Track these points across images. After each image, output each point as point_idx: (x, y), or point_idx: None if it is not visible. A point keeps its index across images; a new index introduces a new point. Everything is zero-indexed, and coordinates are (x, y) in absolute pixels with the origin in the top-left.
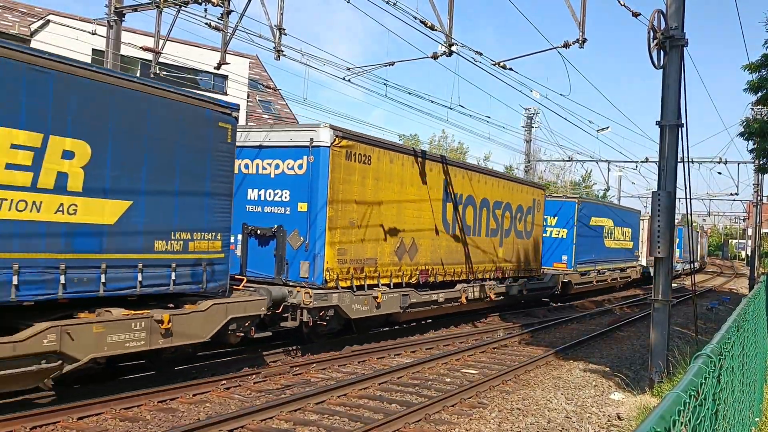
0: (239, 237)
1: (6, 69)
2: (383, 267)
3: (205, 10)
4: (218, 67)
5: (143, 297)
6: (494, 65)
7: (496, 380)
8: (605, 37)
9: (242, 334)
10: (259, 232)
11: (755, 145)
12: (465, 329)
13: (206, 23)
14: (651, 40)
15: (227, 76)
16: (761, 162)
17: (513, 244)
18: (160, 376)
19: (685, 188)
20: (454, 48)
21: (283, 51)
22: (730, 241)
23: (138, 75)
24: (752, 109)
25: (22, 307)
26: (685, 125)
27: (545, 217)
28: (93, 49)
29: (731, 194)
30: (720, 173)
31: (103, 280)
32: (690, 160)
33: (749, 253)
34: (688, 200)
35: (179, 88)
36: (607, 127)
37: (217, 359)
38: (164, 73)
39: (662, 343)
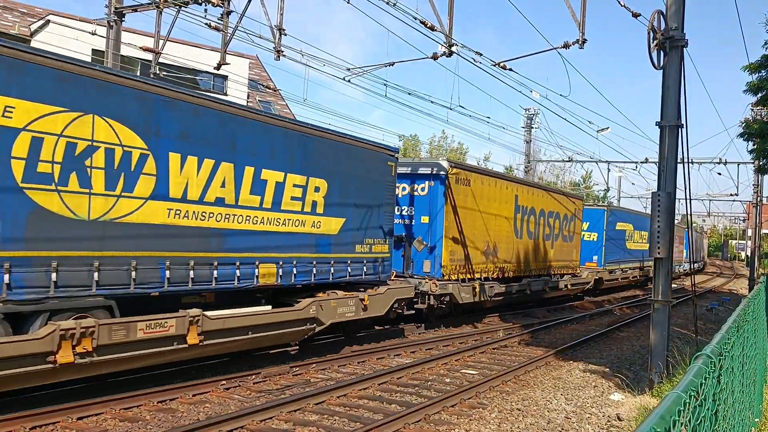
0: None
1: (289, 136)
2: (477, 265)
3: (205, 10)
4: (218, 68)
5: (341, 283)
6: (494, 66)
7: (495, 381)
8: (605, 38)
9: (399, 311)
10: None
11: (755, 146)
12: (465, 330)
13: (206, 23)
14: (651, 40)
15: (227, 76)
16: (761, 163)
17: (560, 246)
18: (159, 376)
19: (685, 189)
20: (454, 48)
21: (283, 51)
22: (729, 241)
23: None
24: (752, 109)
25: (287, 289)
26: (684, 126)
27: None
28: (93, 50)
29: (731, 195)
30: (720, 174)
31: (332, 271)
32: (690, 160)
33: (749, 254)
34: (688, 201)
35: (371, 140)
36: (607, 128)
37: (217, 359)
38: (164, 73)
39: (662, 344)
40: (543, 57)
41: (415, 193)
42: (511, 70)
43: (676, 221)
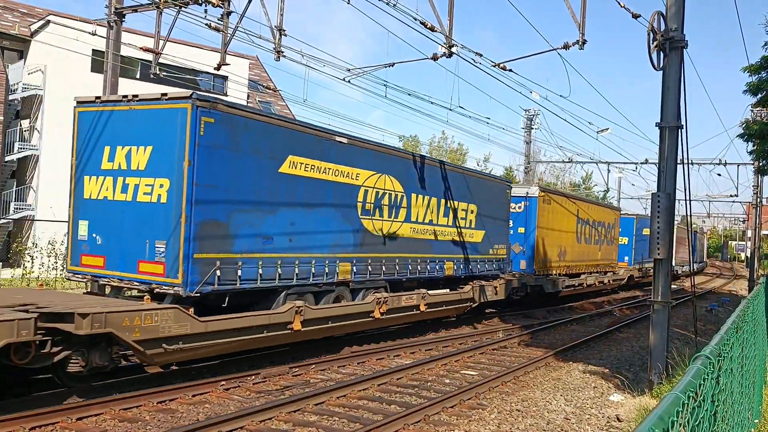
0: None
1: (463, 178)
2: (553, 264)
3: (205, 10)
4: (218, 68)
5: (477, 276)
6: (494, 66)
7: (495, 381)
8: (605, 39)
9: (509, 297)
10: None
11: (755, 147)
12: (464, 330)
13: (206, 24)
14: (651, 41)
15: (227, 76)
16: (761, 164)
17: (605, 249)
18: (159, 376)
19: (685, 190)
20: (453, 49)
21: (283, 52)
22: (729, 242)
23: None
24: (752, 110)
25: (454, 279)
26: (684, 127)
27: None
28: (93, 50)
29: (731, 196)
30: (720, 175)
31: (478, 267)
32: (690, 161)
33: (749, 255)
34: (688, 202)
35: (497, 176)
36: (607, 129)
37: (217, 360)
38: (164, 73)
39: (662, 345)
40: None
41: (514, 210)
42: (511, 71)
43: (676, 222)
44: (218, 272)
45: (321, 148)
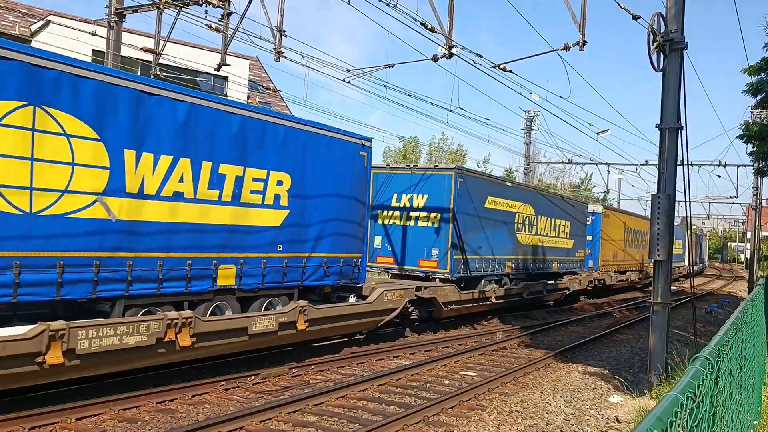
0: None
1: (560, 202)
2: (610, 263)
3: (206, 11)
4: (218, 69)
5: (567, 273)
6: (494, 67)
7: (494, 382)
8: (605, 40)
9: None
10: None
11: (755, 148)
12: (464, 331)
13: (207, 25)
14: (651, 43)
15: (227, 77)
16: (760, 165)
17: (642, 252)
18: (158, 377)
19: (685, 191)
20: (454, 50)
21: (283, 52)
22: (729, 244)
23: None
24: (752, 112)
25: (557, 273)
26: (684, 128)
27: None
28: (93, 50)
29: (730, 197)
30: (719, 176)
31: (568, 266)
32: (689, 163)
33: (748, 256)
34: (688, 203)
35: (580, 200)
36: (607, 130)
37: (217, 360)
38: (164, 74)
39: (661, 346)
40: (543, 59)
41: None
42: (511, 71)
43: (676, 223)
44: (461, 266)
45: (500, 190)
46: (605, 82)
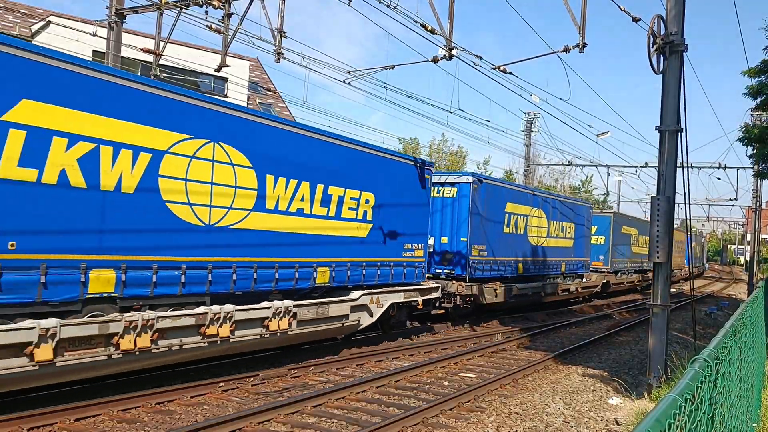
0: None
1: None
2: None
3: (206, 12)
4: (219, 70)
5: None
6: (494, 69)
7: (494, 384)
8: (605, 42)
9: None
10: None
11: (754, 151)
12: (463, 333)
13: (207, 26)
14: (651, 45)
15: (227, 78)
16: (760, 167)
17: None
18: (158, 377)
19: (685, 193)
20: (454, 52)
21: (283, 53)
22: (729, 246)
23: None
24: (752, 114)
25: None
26: (684, 130)
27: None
28: (93, 51)
29: (730, 199)
30: (719, 178)
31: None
32: (689, 165)
33: (748, 259)
34: (688, 205)
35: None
36: (607, 132)
37: (216, 360)
38: (164, 75)
39: (661, 348)
40: (543, 61)
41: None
42: (511, 73)
43: (675, 225)
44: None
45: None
46: (605, 84)
